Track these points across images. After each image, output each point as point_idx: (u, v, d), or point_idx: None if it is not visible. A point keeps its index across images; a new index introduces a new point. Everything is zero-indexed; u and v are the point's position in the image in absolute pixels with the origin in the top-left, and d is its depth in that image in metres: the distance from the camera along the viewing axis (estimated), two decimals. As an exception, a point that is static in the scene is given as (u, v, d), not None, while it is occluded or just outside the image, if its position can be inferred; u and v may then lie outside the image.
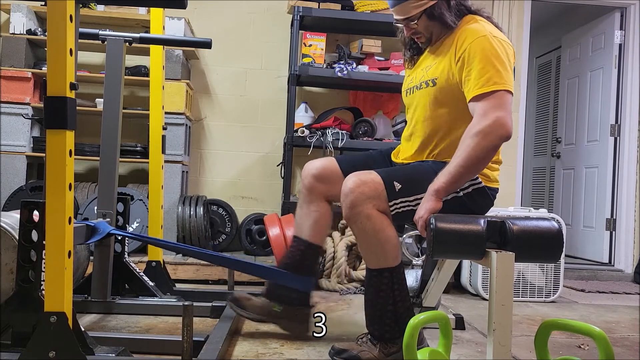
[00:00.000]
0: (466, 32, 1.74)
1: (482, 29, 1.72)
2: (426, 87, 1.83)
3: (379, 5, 3.68)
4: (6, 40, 3.40)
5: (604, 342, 1.30)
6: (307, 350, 1.94)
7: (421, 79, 1.86)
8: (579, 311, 2.95)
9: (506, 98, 1.64)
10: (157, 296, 2.34)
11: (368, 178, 1.69)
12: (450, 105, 1.79)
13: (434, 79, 1.80)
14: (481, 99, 1.65)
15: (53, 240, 1.42)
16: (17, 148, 3.35)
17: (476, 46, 1.68)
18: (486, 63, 1.65)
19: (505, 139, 1.63)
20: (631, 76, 4.31)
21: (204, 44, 2.44)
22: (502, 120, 1.61)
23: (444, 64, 1.77)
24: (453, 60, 1.74)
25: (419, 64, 1.93)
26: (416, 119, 1.88)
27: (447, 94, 1.78)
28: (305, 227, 1.99)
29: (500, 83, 1.64)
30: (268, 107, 3.98)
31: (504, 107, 1.63)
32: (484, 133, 1.60)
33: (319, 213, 1.98)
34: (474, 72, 1.67)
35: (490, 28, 1.74)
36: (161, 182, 2.56)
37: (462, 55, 1.70)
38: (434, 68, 1.82)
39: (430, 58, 1.87)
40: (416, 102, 1.88)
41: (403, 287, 1.76)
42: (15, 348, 1.53)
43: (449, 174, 1.62)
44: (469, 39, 1.71)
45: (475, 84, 1.66)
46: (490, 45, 1.67)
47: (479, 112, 1.64)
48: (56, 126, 1.41)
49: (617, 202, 4.36)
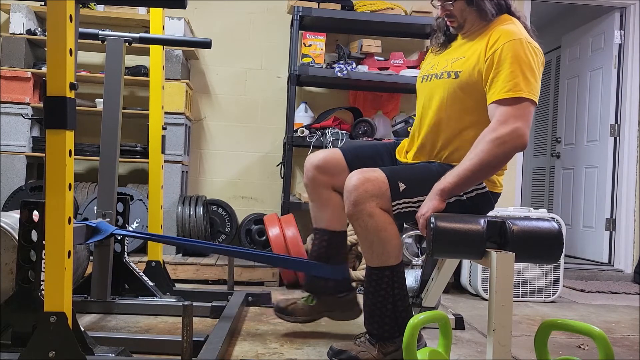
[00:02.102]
0: (501, 31, 1.68)
1: (517, 32, 1.67)
2: (447, 78, 1.77)
3: (378, 5, 3.68)
4: (6, 40, 3.40)
5: (604, 342, 1.30)
6: (307, 350, 1.94)
7: (443, 69, 1.80)
8: (578, 311, 2.95)
9: (529, 109, 1.61)
10: (157, 296, 2.34)
11: (372, 176, 1.68)
12: (466, 104, 1.74)
13: (458, 72, 1.74)
14: (504, 104, 1.61)
15: (53, 240, 1.42)
16: (17, 148, 3.35)
17: (509, 49, 1.63)
18: (516, 68, 1.61)
19: (519, 150, 1.61)
20: (631, 76, 4.31)
21: (203, 44, 2.44)
22: (520, 132, 1.58)
23: (472, 60, 1.72)
24: (482, 57, 1.69)
25: (446, 53, 1.87)
26: (430, 109, 1.82)
27: (467, 92, 1.73)
28: (323, 217, 2.01)
29: (527, 92, 1.60)
30: (268, 107, 3.98)
31: (524, 118, 1.59)
32: (500, 141, 1.57)
33: (331, 201, 1.99)
34: (502, 75, 1.63)
35: (525, 33, 1.70)
36: (161, 182, 2.56)
37: (493, 55, 1.66)
38: (460, 61, 1.76)
39: (461, 50, 1.81)
40: (432, 91, 1.82)
41: (403, 286, 1.75)
42: (15, 348, 1.53)
43: (457, 176, 1.60)
44: (502, 39, 1.66)
45: (502, 87, 1.62)
46: (524, 51, 1.63)
47: (498, 117, 1.60)
48: (56, 126, 1.41)
49: (617, 202, 4.36)
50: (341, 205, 1.94)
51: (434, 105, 1.81)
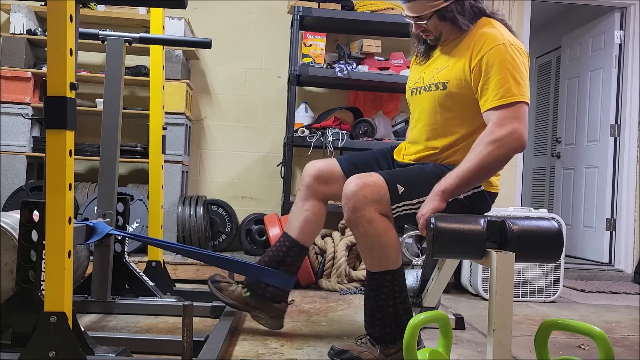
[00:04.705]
0: (484, 37, 1.69)
1: (500, 36, 1.68)
2: (435, 90, 1.78)
3: (379, 5, 3.68)
4: (6, 40, 3.40)
5: (604, 342, 1.30)
6: (307, 350, 1.94)
7: (430, 81, 1.82)
8: (579, 311, 2.95)
9: (523, 110, 1.63)
10: (157, 296, 2.34)
11: (370, 181, 1.68)
12: (458, 110, 1.76)
13: (445, 83, 1.76)
14: (499, 109, 1.63)
15: (53, 240, 1.42)
16: (17, 148, 3.35)
17: (494, 55, 1.65)
18: (505, 74, 1.63)
19: (519, 150, 1.62)
20: (631, 76, 4.31)
21: (204, 44, 2.44)
22: (518, 132, 1.60)
23: (457, 68, 1.74)
24: (468, 66, 1.71)
25: (429, 63, 1.89)
26: (423, 122, 1.85)
27: (456, 100, 1.75)
28: (295, 224, 2.01)
29: (519, 95, 1.62)
30: (268, 107, 3.98)
31: (521, 119, 1.61)
32: (500, 142, 1.59)
33: (311, 213, 1.98)
34: (492, 83, 1.64)
35: (507, 34, 1.71)
36: (161, 182, 2.56)
37: (480, 63, 1.67)
38: (445, 71, 1.77)
39: (443, 59, 1.82)
40: (422, 105, 1.85)
41: (403, 289, 1.75)
42: (15, 348, 1.53)
43: (458, 177, 1.61)
44: (486, 45, 1.67)
45: (495, 94, 1.63)
46: (510, 55, 1.64)
47: (495, 120, 1.62)
48: (56, 126, 1.41)
49: (617, 202, 4.36)
50: (320, 220, 1.99)
51: (427, 118, 1.83)
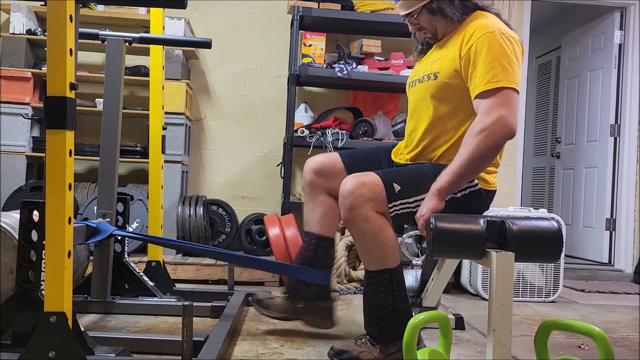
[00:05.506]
0: (474, 27, 1.71)
1: (490, 25, 1.68)
2: (428, 81, 1.79)
3: (379, 5, 3.67)
4: (6, 40, 3.40)
5: (604, 342, 1.30)
6: (307, 350, 1.94)
7: (424, 72, 1.83)
8: (579, 311, 2.95)
9: (511, 96, 1.62)
10: (157, 296, 2.34)
11: (366, 179, 1.68)
12: (452, 103, 1.76)
13: (437, 73, 1.77)
14: (486, 96, 1.62)
15: (53, 240, 1.42)
16: (17, 148, 3.34)
17: (483, 42, 1.65)
18: (492, 60, 1.62)
19: (508, 137, 1.61)
20: (631, 76, 4.31)
21: (204, 44, 2.44)
22: (505, 119, 1.59)
23: (449, 58, 1.75)
24: (458, 55, 1.71)
25: (425, 57, 1.91)
26: (417, 116, 1.86)
27: (448, 90, 1.75)
28: (314, 221, 2.00)
29: (506, 80, 1.62)
30: (268, 107, 3.98)
31: (508, 106, 1.60)
32: (488, 131, 1.58)
33: (324, 207, 1.99)
34: (479, 69, 1.64)
35: (499, 24, 1.71)
36: (161, 182, 2.56)
37: (469, 51, 1.67)
38: (438, 62, 1.79)
39: (437, 52, 1.84)
40: (417, 96, 1.86)
41: (402, 288, 1.75)
42: (15, 348, 1.53)
43: (452, 173, 1.61)
44: (476, 34, 1.68)
45: (481, 80, 1.63)
46: (498, 42, 1.64)
47: (482, 109, 1.62)
48: (56, 126, 1.41)
49: (617, 202, 4.36)
50: (335, 210, 1.97)
51: (420, 109, 1.84)
